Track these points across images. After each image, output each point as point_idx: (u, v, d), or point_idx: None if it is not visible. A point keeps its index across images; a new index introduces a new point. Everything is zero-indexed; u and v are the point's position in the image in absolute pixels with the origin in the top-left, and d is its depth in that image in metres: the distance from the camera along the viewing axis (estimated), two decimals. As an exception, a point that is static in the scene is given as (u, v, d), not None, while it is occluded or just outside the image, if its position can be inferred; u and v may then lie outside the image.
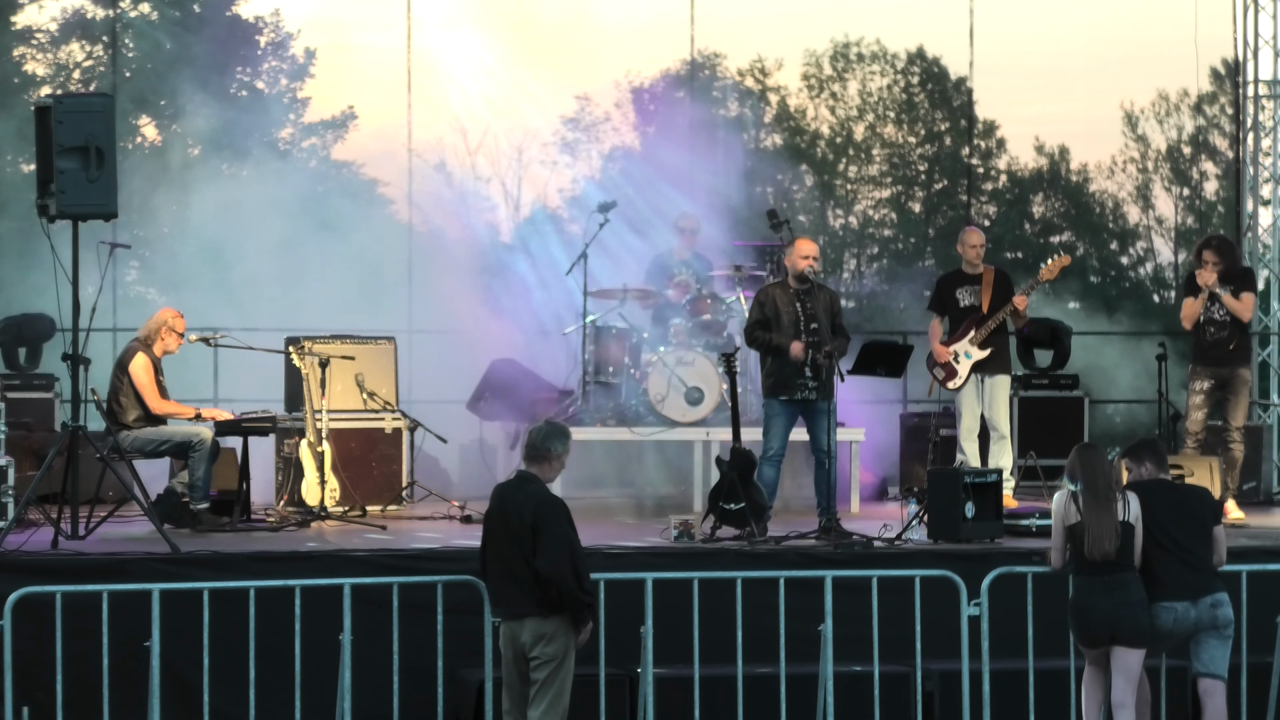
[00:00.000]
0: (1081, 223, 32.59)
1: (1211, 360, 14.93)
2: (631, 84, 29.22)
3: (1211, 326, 14.92)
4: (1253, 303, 14.91)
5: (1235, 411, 14.93)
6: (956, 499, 13.16)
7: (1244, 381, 14.96)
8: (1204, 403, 14.98)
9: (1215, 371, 14.92)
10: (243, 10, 26.39)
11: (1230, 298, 14.81)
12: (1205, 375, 14.96)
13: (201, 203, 19.55)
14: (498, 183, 26.44)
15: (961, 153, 29.06)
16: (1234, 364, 14.92)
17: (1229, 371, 14.91)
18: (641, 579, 11.57)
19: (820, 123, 31.40)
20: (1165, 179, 32.73)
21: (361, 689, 11.24)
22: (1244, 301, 14.83)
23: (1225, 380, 14.92)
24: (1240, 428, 14.96)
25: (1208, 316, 14.91)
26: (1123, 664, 10.93)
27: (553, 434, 10.62)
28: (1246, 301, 14.84)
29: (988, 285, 15.21)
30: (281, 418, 15.26)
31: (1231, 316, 14.82)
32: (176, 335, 14.32)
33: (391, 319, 17.92)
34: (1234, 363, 14.92)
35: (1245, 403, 14.99)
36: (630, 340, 16.38)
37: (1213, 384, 14.94)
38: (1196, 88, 30.07)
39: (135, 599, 11.03)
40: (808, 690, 11.65)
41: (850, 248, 31.67)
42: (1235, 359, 14.92)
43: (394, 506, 15.48)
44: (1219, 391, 14.95)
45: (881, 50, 31.55)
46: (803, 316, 13.96)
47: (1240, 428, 14.96)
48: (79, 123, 12.56)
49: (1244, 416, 14.98)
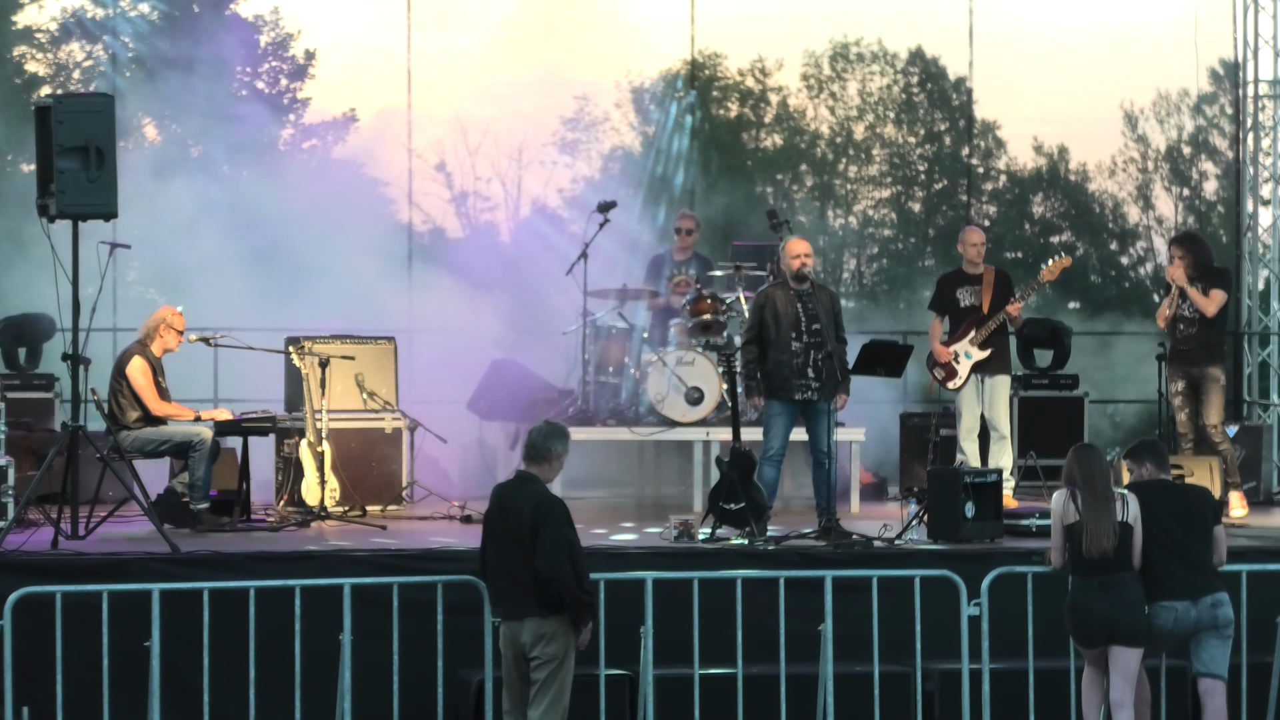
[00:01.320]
0: (1081, 223, 32.56)
1: (1181, 361, 14.97)
2: (631, 84, 29.22)
3: (1181, 324, 14.92)
4: (1220, 300, 14.79)
5: (1208, 410, 14.90)
6: (956, 499, 13.16)
7: (1213, 380, 14.89)
8: (1183, 403, 15.00)
9: (1186, 372, 14.95)
10: (242, 10, 26.39)
11: (1197, 293, 14.79)
12: (1178, 377, 15.01)
13: (202, 203, 19.54)
14: (498, 183, 26.44)
15: (961, 153, 29.05)
16: (1202, 364, 14.90)
17: (1198, 371, 14.90)
18: (641, 579, 11.57)
19: (820, 123, 31.38)
20: (1165, 179, 32.71)
21: (361, 689, 11.24)
22: (1211, 298, 14.79)
23: (1195, 380, 14.91)
24: (1216, 425, 14.92)
25: (1178, 314, 14.93)
26: (1120, 663, 10.94)
27: (552, 434, 10.62)
28: (1214, 298, 14.79)
29: (988, 285, 15.21)
30: (281, 418, 15.26)
31: (1201, 315, 14.80)
32: (176, 333, 14.31)
33: (391, 319, 17.91)
34: (1201, 363, 14.90)
35: (1218, 400, 14.92)
36: (630, 340, 16.39)
37: (1185, 384, 14.97)
38: (1196, 88, 30.03)
39: (135, 599, 11.03)
40: (808, 690, 11.65)
41: (850, 248, 31.65)
42: (1203, 359, 14.90)
43: (394, 506, 15.48)
44: (1192, 392, 14.95)
45: (881, 50, 31.52)
46: (804, 317, 13.95)
47: (1216, 425, 14.92)
48: (79, 123, 12.55)
49: (1218, 414, 14.92)
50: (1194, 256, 14.96)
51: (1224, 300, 14.87)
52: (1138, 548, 10.95)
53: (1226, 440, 15.05)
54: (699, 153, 24.90)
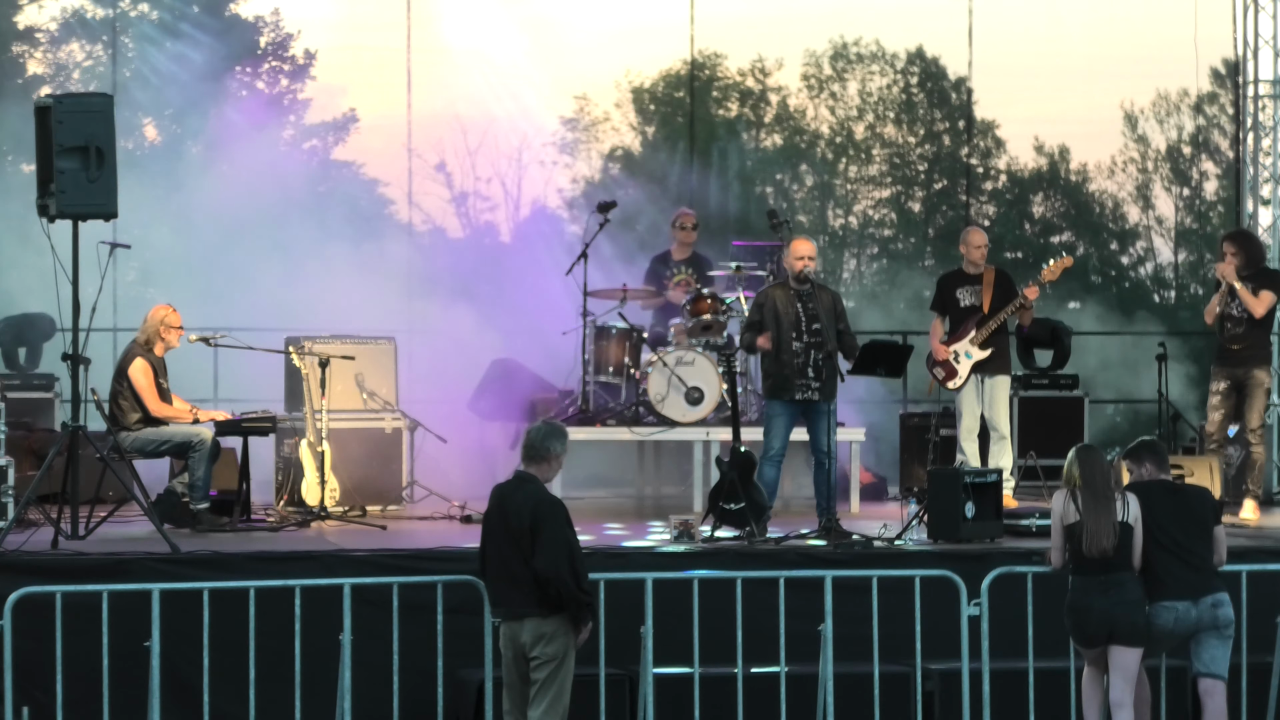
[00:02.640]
0: (1081, 223, 32.58)
1: (1227, 361, 14.83)
2: (631, 84, 29.25)
3: (1229, 322, 14.81)
4: (1270, 301, 14.66)
5: (1250, 413, 14.79)
6: (956, 499, 13.16)
7: (1259, 383, 14.78)
8: (1221, 404, 14.85)
9: (1230, 373, 14.81)
10: (242, 10, 26.40)
11: (1246, 292, 14.70)
12: (1221, 377, 14.85)
13: (202, 203, 19.55)
14: (498, 183, 26.45)
15: (961, 153, 29.07)
16: (1248, 365, 14.79)
17: (1243, 373, 14.78)
18: (641, 579, 11.57)
19: (820, 123, 31.40)
20: (1165, 179, 32.72)
21: (361, 689, 11.24)
22: (1260, 298, 14.68)
23: (1240, 381, 14.79)
24: (1256, 429, 14.79)
25: (1225, 312, 14.82)
26: (1120, 663, 10.93)
27: (551, 434, 10.62)
28: (1263, 299, 14.68)
29: (989, 285, 15.20)
30: (281, 418, 15.26)
31: (1249, 315, 14.70)
32: (174, 330, 14.31)
33: (391, 319, 17.90)
34: (1248, 364, 14.78)
35: (1261, 404, 14.82)
36: (630, 340, 16.39)
37: (1228, 385, 14.81)
38: (1196, 88, 30.08)
39: (135, 599, 11.02)
40: (808, 690, 11.65)
41: (850, 248, 31.66)
42: (1249, 360, 14.80)
43: (394, 506, 15.48)
44: (1235, 393, 14.84)
45: (881, 50, 31.55)
46: (804, 317, 13.95)
47: (1256, 429, 14.79)
48: (79, 123, 12.55)
49: (1260, 418, 14.80)
50: (1247, 254, 14.86)
51: (1273, 302, 14.72)
52: (1138, 548, 10.95)
53: (1262, 444, 14.97)
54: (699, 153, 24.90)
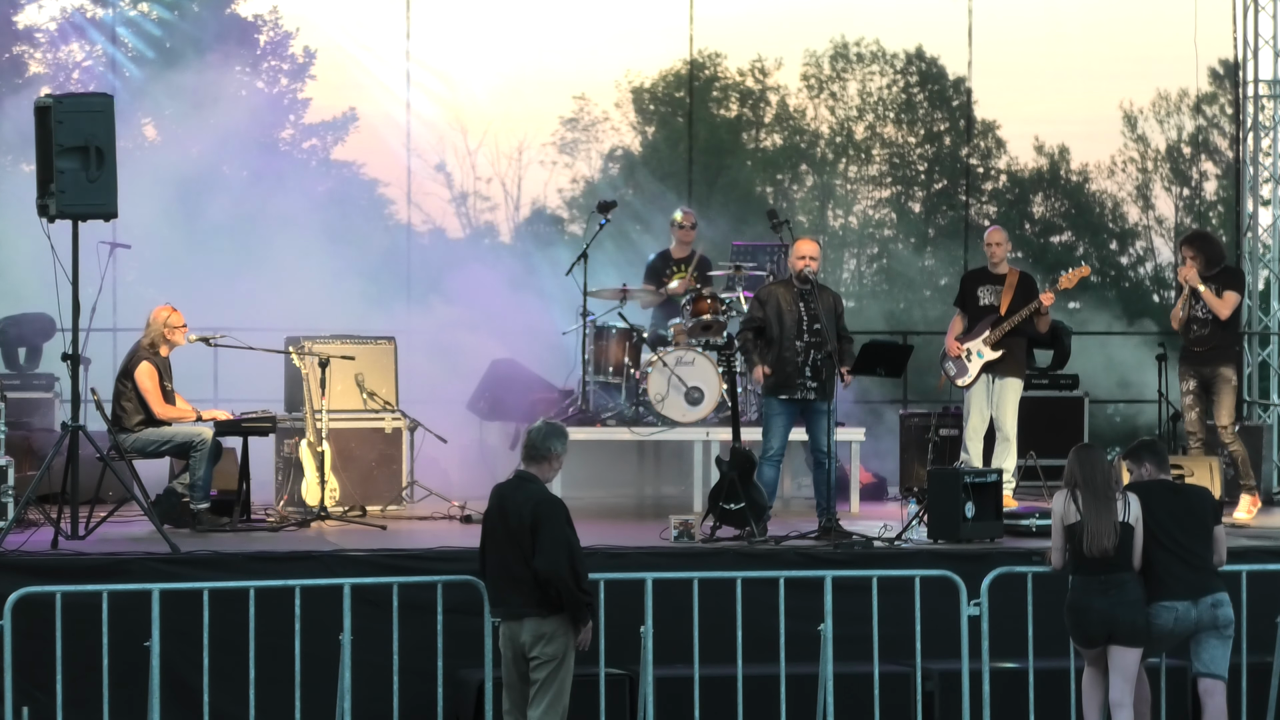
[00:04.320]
0: (1081, 223, 32.56)
1: (1193, 360, 14.95)
2: (631, 84, 29.23)
3: (1195, 324, 14.91)
4: (1234, 301, 14.80)
5: (1220, 411, 14.90)
6: (956, 499, 13.16)
7: (1225, 380, 14.89)
8: (1194, 403, 14.99)
9: (1197, 371, 14.94)
10: (242, 9, 26.38)
11: (1210, 294, 14.77)
12: (1189, 375, 14.99)
13: (201, 203, 19.53)
14: (498, 183, 26.46)
15: (961, 153, 29.05)
16: (1214, 363, 14.89)
17: (1210, 371, 14.89)
18: (641, 579, 11.57)
19: (820, 123, 31.38)
20: (1165, 179, 32.70)
21: (361, 689, 11.24)
22: (1225, 299, 14.77)
23: (1207, 380, 14.91)
24: (1227, 426, 14.92)
25: (1191, 314, 14.92)
26: (1120, 663, 10.94)
27: (551, 434, 10.62)
28: (1227, 299, 14.78)
29: (1009, 287, 15.17)
30: (281, 418, 15.26)
31: (1214, 316, 14.79)
32: (178, 329, 14.31)
33: (391, 319, 17.91)
34: (1214, 362, 14.89)
35: (1229, 401, 14.93)
36: (630, 340, 16.39)
37: (1196, 383, 14.95)
38: (1196, 88, 30.04)
39: (135, 599, 11.03)
40: (808, 690, 11.65)
41: (850, 248, 31.64)
42: (1215, 358, 14.89)
43: (394, 506, 15.48)
44: (1204, 391, 14.94)
45: (881, 50, 31.52)
46: (805, 317, 13.95)
47: (1227, 426, 14.92)
48: (79, 123, 12.55)
49: (1229, 415, 14.92)
50: (1206, 256, 14.93)
51: (1237, 302, 14.84)
52: (1138, 548, 10.95)
53: (1237, 441, 15.02)
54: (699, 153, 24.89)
